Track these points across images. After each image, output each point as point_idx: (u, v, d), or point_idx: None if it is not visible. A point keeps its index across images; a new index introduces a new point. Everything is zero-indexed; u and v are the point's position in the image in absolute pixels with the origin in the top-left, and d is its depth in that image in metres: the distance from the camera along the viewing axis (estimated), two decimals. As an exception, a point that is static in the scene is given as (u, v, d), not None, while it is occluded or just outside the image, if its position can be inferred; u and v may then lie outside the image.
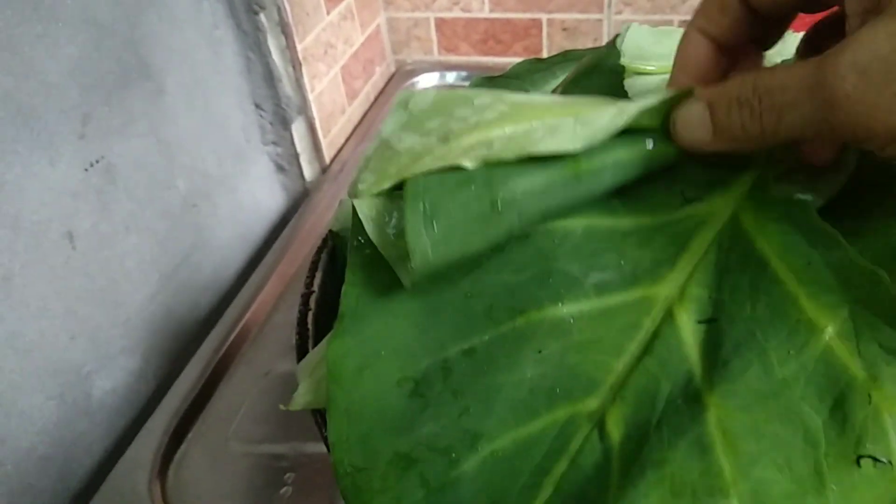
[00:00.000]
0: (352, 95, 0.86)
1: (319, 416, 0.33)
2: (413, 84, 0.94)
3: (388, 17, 0.94)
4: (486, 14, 0.91)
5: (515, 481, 0.27)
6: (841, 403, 0.24)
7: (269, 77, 0.70)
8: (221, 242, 0.67)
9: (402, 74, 0.96)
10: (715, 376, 0.26)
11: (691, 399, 0.26)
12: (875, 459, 0.23)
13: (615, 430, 0.27)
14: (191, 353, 0.59)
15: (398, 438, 0.29)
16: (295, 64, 0.71)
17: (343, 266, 0.31)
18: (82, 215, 0.51)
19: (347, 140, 0.85)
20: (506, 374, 0.28)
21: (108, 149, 0.53)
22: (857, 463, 0.23)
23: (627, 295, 0.29)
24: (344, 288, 0.30)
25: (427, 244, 0.26)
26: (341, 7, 0.81)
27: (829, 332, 0.25)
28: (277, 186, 0.77)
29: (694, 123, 0.28)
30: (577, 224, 0.30)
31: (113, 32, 0.53)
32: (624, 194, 0.30)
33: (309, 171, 0.78)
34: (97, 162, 0.52)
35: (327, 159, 0.80)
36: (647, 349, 0.28)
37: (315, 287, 0.40)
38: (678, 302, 0.28)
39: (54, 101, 0.48)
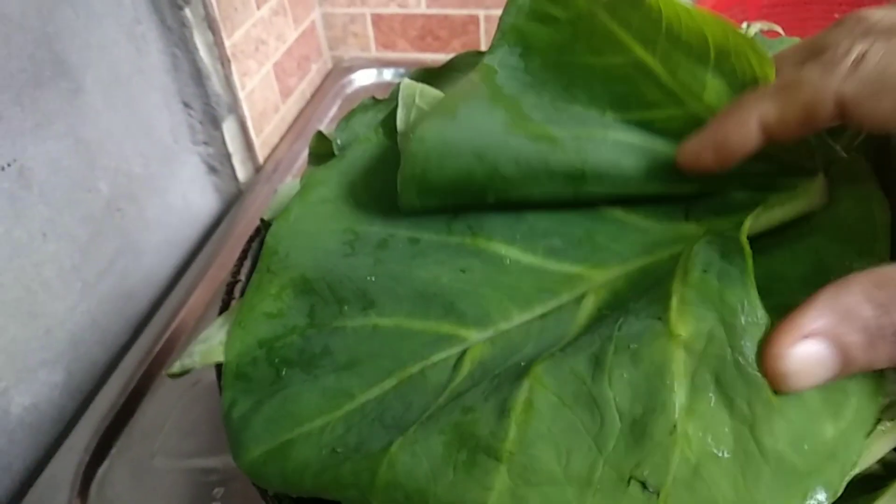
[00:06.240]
0: (286, 93, 0.83)
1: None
2: (350, 81, 0.92)
3: (323, 13, 0.92)
4: (423, 10, 0.89)
5: (375, 361, 0.29)
6: (647, 419, 0.23)
7: (197, 75, 0.67)
8: (150, 247, 0.65)
9: (339, 71, 0.94)
10: (558, 351, 0.26)
11: (528, 365, 0.26)
12: (644, 486, 0.23)
13: (466, 365, 0.28)
14: (118, 364, 0.56)
15: (313, 267, 0.32)
16: (223, 61, 0.68)
17: None
18: (-7, 222, 0.48)
19: (282, 139, 0.82)
20: (425, 271, 0.31)
21: (21, 151, 0.50)
22: (628, 482, 0.23)
23: (569, 268, 0.30)
24: (361, 138, 0.36)
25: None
26: (272, 2, 0.78)
27: (680, 340, 0.23)
28: (209, 188, 0.75)
29: (816, 364, 0.22)
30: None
31: (23, 27, 0.50)
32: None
33: (242, 172, 0.75)
34: (9, 165, 0.49)
35: (261, 159, 0.78)
36: (543, 316, 0.29)
37: (242, 276, 0.39)
38: (597, 288, 0.29)
39: (-42, 101, 0.45)
